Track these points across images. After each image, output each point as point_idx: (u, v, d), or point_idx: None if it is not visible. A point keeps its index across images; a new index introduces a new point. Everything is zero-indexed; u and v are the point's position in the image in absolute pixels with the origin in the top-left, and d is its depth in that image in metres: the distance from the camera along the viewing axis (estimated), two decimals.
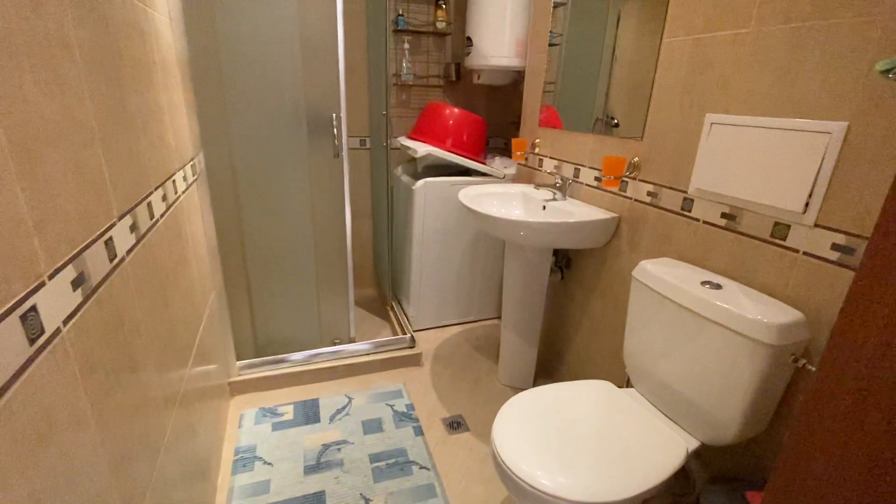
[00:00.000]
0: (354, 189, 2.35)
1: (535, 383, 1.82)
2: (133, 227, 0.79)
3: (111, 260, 0.69)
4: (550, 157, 1.75)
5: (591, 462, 0.92)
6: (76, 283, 0.57)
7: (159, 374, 0.87)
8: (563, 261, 1.66)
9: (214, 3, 1.42)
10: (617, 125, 1.40)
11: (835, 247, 0.86)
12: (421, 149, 1.86)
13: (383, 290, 2.36)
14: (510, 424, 1.01)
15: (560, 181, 1.61)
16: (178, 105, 1.20)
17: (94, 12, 0.71)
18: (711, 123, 1.07)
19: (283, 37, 1.53)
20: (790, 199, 0.92)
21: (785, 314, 0.89)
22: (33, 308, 0.48)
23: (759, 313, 0.89)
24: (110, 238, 0.69)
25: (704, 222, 1.13)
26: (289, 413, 1.60)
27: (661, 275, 1.08)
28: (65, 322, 0.54)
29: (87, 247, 0.61)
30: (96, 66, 0.70)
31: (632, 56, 1.32)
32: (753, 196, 0.99)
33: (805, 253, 0.92)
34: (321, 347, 1.80)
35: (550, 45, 1.73)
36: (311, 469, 1.36)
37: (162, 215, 0.98)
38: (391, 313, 2.21)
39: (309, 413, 1.60)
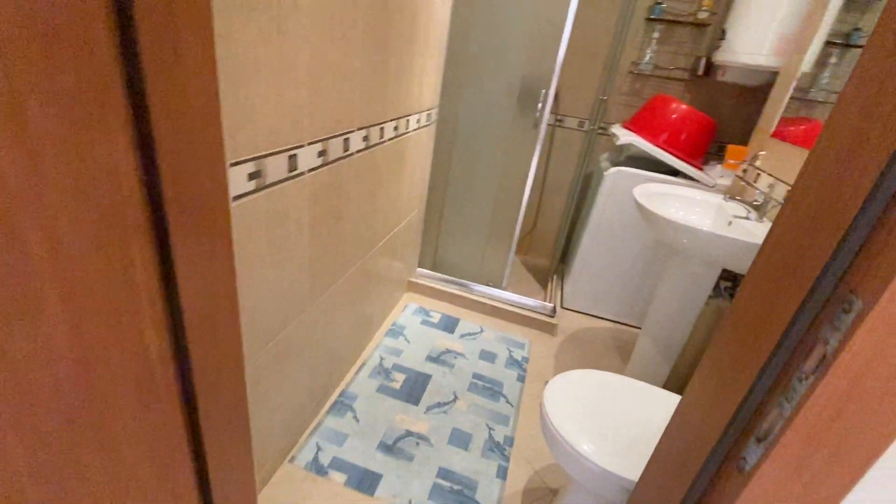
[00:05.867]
0: (559, 167, 2.52)
1: None
2: (365, 138, 1.26)
3: (345, 151, 1.16)
4: (769, 174, 1.53)
5: (627, 444, 0.98)
6: (320, 154, 1.04)
7: (355, 233, 1.36)
8: (731, 283, 1.48)
9: None
10: None
11: None
12: (623, 137, 1.89)
13: (554, 262, 2.51)
14: (562, 395, 1.13)
15: (760, 199, 1.41)
16: (428, 69, 1.65)
17: (378, 3, 1.14)
18: None
19: (516, 20, 1.78)
20: None
21: None
22: (294, 156, 0.94)
23: None
24: (347, 138, 1.16)
25: None
26: (436, 318, 2.03)
27: None
28: (309, 171, 1.01)
29: (330, 138, 1.08)
30: (371, 37, 1.14)
31: None
32: None
33: None
34: (478, 282, 2.15)
35: (828, 42, 1.45)
36: (431, 359, 1.76)
37: (390, 139, 1.45)
38: (549, 284, 2.37)
39: (449, 324, 2.00)
